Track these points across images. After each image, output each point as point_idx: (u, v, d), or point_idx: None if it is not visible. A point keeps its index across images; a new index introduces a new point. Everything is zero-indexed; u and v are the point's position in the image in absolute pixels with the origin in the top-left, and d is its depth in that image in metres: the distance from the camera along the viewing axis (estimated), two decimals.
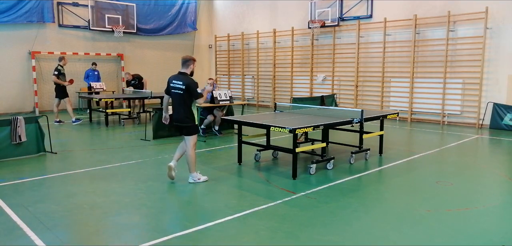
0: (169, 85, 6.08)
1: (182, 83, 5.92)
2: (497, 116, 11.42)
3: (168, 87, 6.11)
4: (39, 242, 4.05)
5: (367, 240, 4.18)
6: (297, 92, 16.34)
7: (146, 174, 6.68)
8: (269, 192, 5.71)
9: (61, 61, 12.08)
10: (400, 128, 11.95)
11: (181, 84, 5.92)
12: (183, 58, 6.22)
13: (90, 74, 15.43)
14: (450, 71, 12.28)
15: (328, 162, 6.91)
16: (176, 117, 6.07)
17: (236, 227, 4.46)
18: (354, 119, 7.11)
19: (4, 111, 14.26)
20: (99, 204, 5.18)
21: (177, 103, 6.02)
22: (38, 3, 14.90)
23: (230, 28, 18.90)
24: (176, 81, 5.99)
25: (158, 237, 4.16)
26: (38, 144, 7.92)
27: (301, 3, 15.88)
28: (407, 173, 6.96)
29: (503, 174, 6.81)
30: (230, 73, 19.16)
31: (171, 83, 6.04)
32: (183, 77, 6.00)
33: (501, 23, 11.28)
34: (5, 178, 6.29)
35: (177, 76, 6.05)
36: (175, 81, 6.00)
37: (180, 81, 5.95)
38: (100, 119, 13.17)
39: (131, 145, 9.07)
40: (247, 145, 7.51)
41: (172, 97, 6.07)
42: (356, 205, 5.20)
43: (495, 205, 5.30)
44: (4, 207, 5.00)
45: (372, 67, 14.06)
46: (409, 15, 12.93)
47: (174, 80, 6.02)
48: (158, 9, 18.24)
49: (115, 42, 17.13)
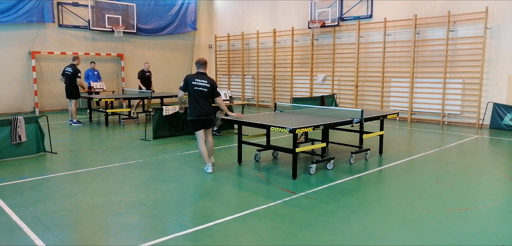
0: (191, 83, 6.48)
1: (207, 82, 6.50)
2: (497, 117, 11.42)
3: (188, 85, 6.50)
4: (39, 242, 4.05)
5: (367, 240, 4.18)
6: (297, 92, 16.34)
7: (146, 174, 6.68)
8: (269, 192, 5.71)
9: (76, 61, 12.05)
10: (400, 128, 11.95)
11: (206, 82, 6.50)
12: (202, 60, 6.70)
13: (90, 74, 15.42)
14: (450, 71, 12.28)
15: (328, 162, 6.92)
16: (201, 112, 6.53)
17: (236, 227, 4.46)
18: (354, 119, 7.12)
19: (4, 111, 14.26)
20: (99, 204, 5.18)
21: (201, 100, 6.51)
22: (38, 3, 14.90)
23: (230, 28, 18.90)
24: (200, 80, 6.51)
25: (158, 237, 4.16)
26: (38, 144, 7.92)
27: (301, 3, 15.88)
28: (407, 173, 6.96)
29: (503, 174, 6.81)
30: (230, 73, 19.16)
31: (194, 81, 6.48)
32: (207, 77, 6.59)
33: (501, 23, 11.28)
34: (5, 178, 6.29)
35: (200, 75, 6.57)
36: (199, 80, 6.51)
37: (204, 80, 6.51)
38: (100, 119, 13.17)
39: (131, 145, 9.07)
40: (247, 145, 7.51)
41: (195, 94, 6.48)
42: (356, 205, 5.20)
43: (495, 205, 5.30)
44: (4, 207, 5.01)
45: (372, 67, 14.06)
46: (409, 15, 12.94)
47: (197, 79, 6.51)
48: (158, 9, 18.24)
49: (115, 42, 17.13)
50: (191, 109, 6.58)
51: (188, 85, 6.50)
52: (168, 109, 9.74)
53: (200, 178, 6.47)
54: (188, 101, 6.64)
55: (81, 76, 12.09)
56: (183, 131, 10.27)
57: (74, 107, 12.11)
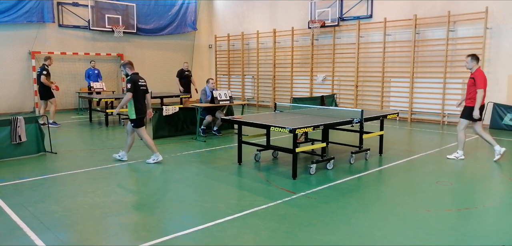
0: (138, 83, 7.04)
1: (145, 82, 7.22)
2: (497, 117, 11.42)
3: (137, 86, 7.03)
4: (39, 242, 4.05)
5: (367, 240, 4.18)
6: (297, 92, 16.34)
7: (146, 174, 6.68)
8: (269, 192, 5.71)
9: (47, 61, 11.65)
10: (400, 128, 11.95)
11: (145, 82, 7.21)
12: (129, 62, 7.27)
13: (90, 73, 15.43)
14: (450, 71, 12.28)
15: (328, 162, 6.92)
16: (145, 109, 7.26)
17: (236, 227, 4.46)
18: (354, 119, 7.12)
19: (4, 111, 14.26)
20: (99, 204, 5.18)
21: (144, 99, 7.20)
22: (38, 3, 14.90)
23: (230, 28, 18.90)
24: (143, 81, 7.17)
25: (158, 237, 4.16)
26: (38, 144, 7.92)
27: (301, 3, 15.87)
28: (407, 173, 6.96)
29: (503, 174, 6.81)
30: (230, 73, 19.15)
31: (139, 82, 7.06)
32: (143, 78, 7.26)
33: (501, 23, 11.28)
34: (5, 178, 6.29)
35: (140, 76, 7.17)
36: (142, 81, 7.15)
37: (144, 80, 7.21)
38: (100, 119, 13.17)
39: None
40: (247, 145, 7.51)
41: (141, 94, 7.12)
42: (356, 205, 5.20)
43: (495, 205, 5.30)
44: (4, 207, 5.01)
45: (372, 67, 14.05)
46: (409, 15, 12.93)
47: (140, 80, 7.11)
48: (158, 9, 18.23)
49: (115, 42, 17.13)
50: (139, 107, 7.10)
51: (136, 87, 7.00)
52: (168, 109, 9.74)
53: (200, 178, 6.47)
54: (135, 101, 7.02)
55: (45, 74, 11.39)
56: (183, 130, 10.27)
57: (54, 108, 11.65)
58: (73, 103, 16.12)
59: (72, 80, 16.02)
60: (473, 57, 7.49)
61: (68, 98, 15.87)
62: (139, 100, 7.10)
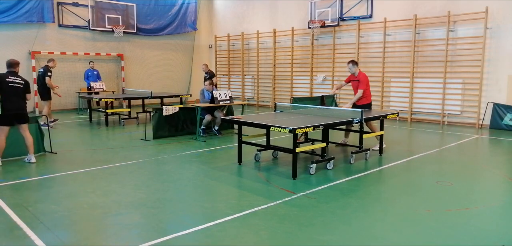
0: (6, 80, 6.95)
1: (21, 80, 7.17)
2: (497, 117, 11.42)
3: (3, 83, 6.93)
4: (39, 242, 4.05)
5: (367, 240, 4.18)
6: (297, 92, 16.33)
7: (146, 174, 6.68)
8: (269, 192, 5.71)
9: (51, 63, 11.70)
10: (400, 128, 11.95)
11: (21, 80, 7.16)
12: (15, 61, 7.32)
13: (89, 74, 15.42)
14: (450, 71, 12.28)
15: (328, 162, 6.91)
16: (17, 107, 7.07)
17: (236, 227, 4.46)
18: (354, 119, 7.12)
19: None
20: (99, 204, 5.18)
21: (16, 96, 7.04)
22: (38, 3, 14.90)
23: (230, 28, 18.90)
24: (14, 78, 7.09)
25: (158, 237, 4.16)
26: (38, 144, 7.91)
27: (301, 3, 15.88)
28: (407, 173, 6.96)
29: (503, 174, 6.81)
30: (230, 73, 19.15)
31: (7, 79, 6.99)
32: (20, 76, 7.26)
33: (501, 23, 11.28)
34: (5, 178, 6.29)
35: (13, 74, 7.14)
36: (13, 78, 7.08)
37: (19, 78, 7.16)
38: (100, 119, 13.18)
39: (131, 145, 9.07)
40: (247, 145, 7.51)
41: (10, 91, 6.97)
42: (356, 205, 5.20)
43: (495, 205, 5.30)
44: (4, 207, 5.00)
45: (372, 67, 14.04)
46: (409, 15, 12.93)
47: (11, 76, 7.06)
48: (158, 9, 18.23)
49: (115, 42, 17.13)
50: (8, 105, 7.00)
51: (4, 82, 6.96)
52: (168, 109, 9.74)
53: (200, 178, 6.47)
54: (3, 99, 6.94)
55: (50, 75, 11.52)
56: (183, 130, 10.27)
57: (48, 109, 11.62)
58: (73, 103, 16.12)
59: (72, 80, 16.02)
60: (354, 63, 8.63)
61: (68, 98, 15.85)
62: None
